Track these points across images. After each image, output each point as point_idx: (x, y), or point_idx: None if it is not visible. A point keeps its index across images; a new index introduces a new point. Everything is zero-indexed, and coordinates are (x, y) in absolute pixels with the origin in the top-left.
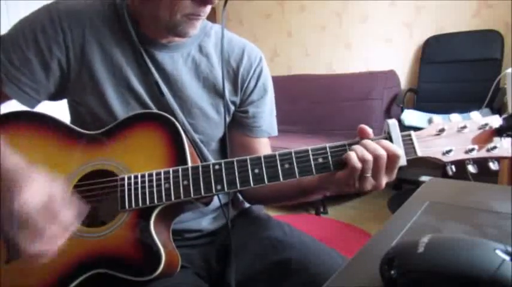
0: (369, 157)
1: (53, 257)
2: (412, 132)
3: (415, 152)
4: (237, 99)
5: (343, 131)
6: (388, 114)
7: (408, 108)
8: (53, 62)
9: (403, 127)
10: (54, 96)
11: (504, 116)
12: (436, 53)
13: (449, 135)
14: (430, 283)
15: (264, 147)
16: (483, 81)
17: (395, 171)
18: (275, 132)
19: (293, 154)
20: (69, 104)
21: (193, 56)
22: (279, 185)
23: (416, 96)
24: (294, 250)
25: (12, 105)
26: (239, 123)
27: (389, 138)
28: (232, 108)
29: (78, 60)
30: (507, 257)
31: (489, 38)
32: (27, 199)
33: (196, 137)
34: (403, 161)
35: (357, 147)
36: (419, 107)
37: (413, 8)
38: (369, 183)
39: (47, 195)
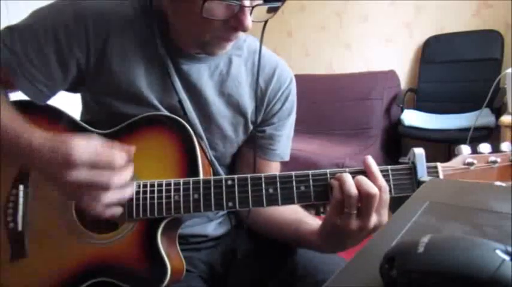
0: (354, 192)
1: (59, 259)
2: (439, 165)
3: None
4: (258, 119)
5: (343, 131)
6: (388, 114)
7: (408, 108)
8: (72, 61)
9: (403, 127)
10: (67, 91)
11: None
12: (436, 53)
13: (477, 168)
14: (430, 283)
15: (274, 171)
16: (483, 81)
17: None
18: (287, 158)
19: (310, 176)
20: (83, 98)
21: (221, 69)
22: (280, 222)
23: (416, 96)
24: (299, 255)
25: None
26: (253, 141)
27: (413, 168)
28: (251, 127)
29: (97, 62)
30: (507, 257)
31: (489, 38)
32: (72, 164)
33: (210, 153)
34: None
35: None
36: (419, 107)
37: (413, 8)
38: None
39: (90, 153)
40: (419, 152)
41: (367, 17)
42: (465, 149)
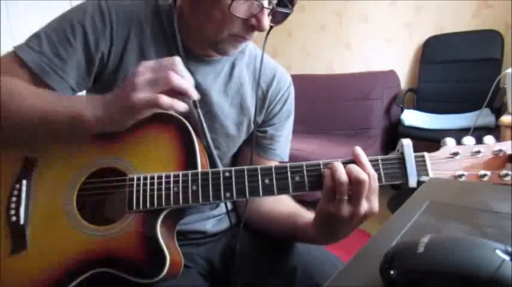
0: (344, 179)
1: (59, 251)
2: (426, 154)
3: (427, 173)
4: (260, 120)
5: (343, 131)
6: (388, 114)
7: (408, 108)
8: (97, 55)
9: (403, 127)
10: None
11: None
12: (436, 53)
13: (462, 158)
14: (430, 283)
15: None
16: (483, 81)
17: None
18: (286, 158)
19: (304, 167)
20: (89, 92)
21: (225, 72)
22: (278, 217)
23: (416, 96)
24: (298, 254)
25: None
26: (255, 141)
27: (402, 158)
28: (253, 126)
29: (117, 58)
30: (507, 257)
31: (489, 38)
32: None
33: (214, 152)
34: (413, 183)
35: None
36: (419, 107)
37: (413, 8)
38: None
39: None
40: (407, 142)
41: (367, 17)
42: (449, 141)
